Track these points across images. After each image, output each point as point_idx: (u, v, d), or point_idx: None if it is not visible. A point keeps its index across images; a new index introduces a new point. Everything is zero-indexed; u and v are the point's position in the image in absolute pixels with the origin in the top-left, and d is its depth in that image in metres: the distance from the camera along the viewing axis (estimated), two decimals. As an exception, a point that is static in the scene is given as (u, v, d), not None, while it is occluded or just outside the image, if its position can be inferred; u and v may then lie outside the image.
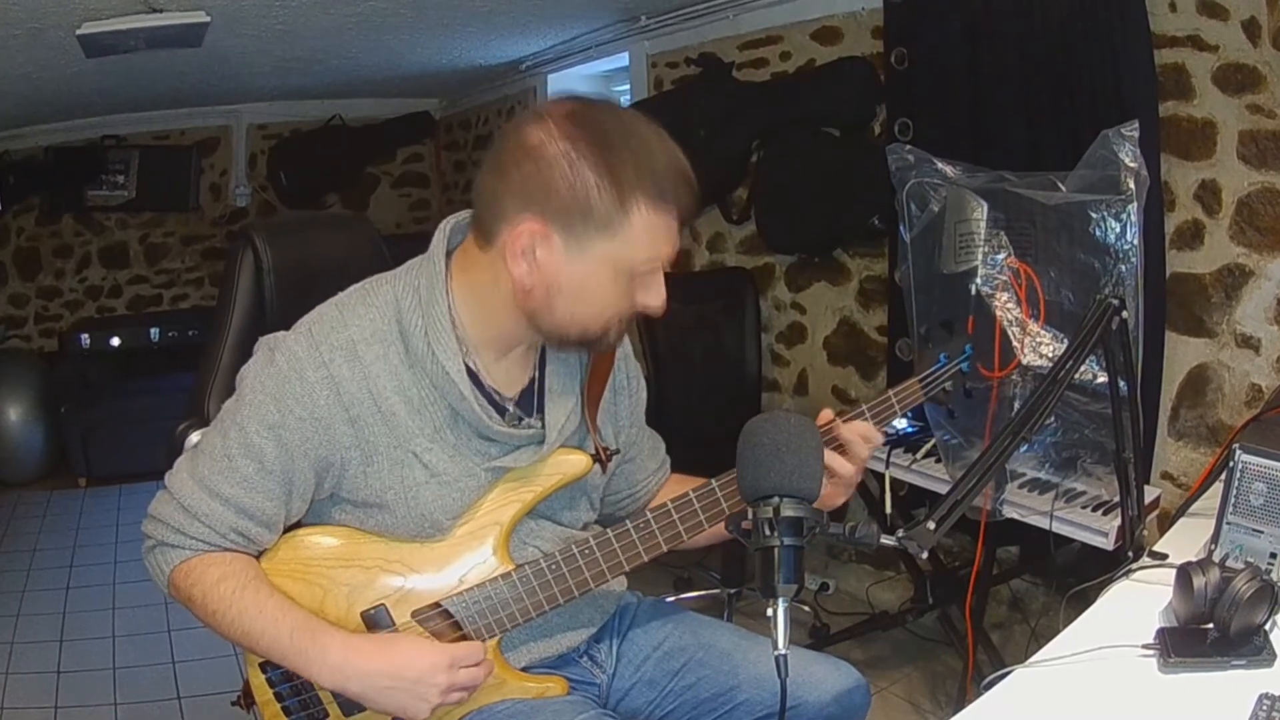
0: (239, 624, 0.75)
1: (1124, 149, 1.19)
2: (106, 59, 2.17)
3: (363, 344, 0.76)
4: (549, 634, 0.86)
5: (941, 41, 1.76)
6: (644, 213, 0.72)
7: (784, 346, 2.34)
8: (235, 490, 0.75)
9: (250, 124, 3.73)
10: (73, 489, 3.11)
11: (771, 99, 2.21)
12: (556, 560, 0.81)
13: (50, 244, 3.66)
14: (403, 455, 0.77)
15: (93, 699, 1.79)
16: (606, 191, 0.71)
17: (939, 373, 0.94)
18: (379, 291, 0.78)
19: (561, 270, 0.73)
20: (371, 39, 2.44)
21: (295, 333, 0.77)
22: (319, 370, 0.75)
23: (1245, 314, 1.46)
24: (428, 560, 0.80)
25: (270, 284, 0.97)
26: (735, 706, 0.88)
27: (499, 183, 0.74)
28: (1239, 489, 0.91)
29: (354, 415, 0.75)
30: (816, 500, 0.68)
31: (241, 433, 0.75)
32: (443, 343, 0.75)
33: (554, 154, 0.71)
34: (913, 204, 1.41)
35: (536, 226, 0.72)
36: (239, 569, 0.76)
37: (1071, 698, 0.74)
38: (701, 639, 0.92)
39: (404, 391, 0.76)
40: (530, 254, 0.73)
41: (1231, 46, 1.42)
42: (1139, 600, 0.88)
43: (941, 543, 1.32)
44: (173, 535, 0.77)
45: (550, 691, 0.84)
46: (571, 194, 0.71)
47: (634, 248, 0.73)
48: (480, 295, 0.78)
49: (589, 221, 0.71)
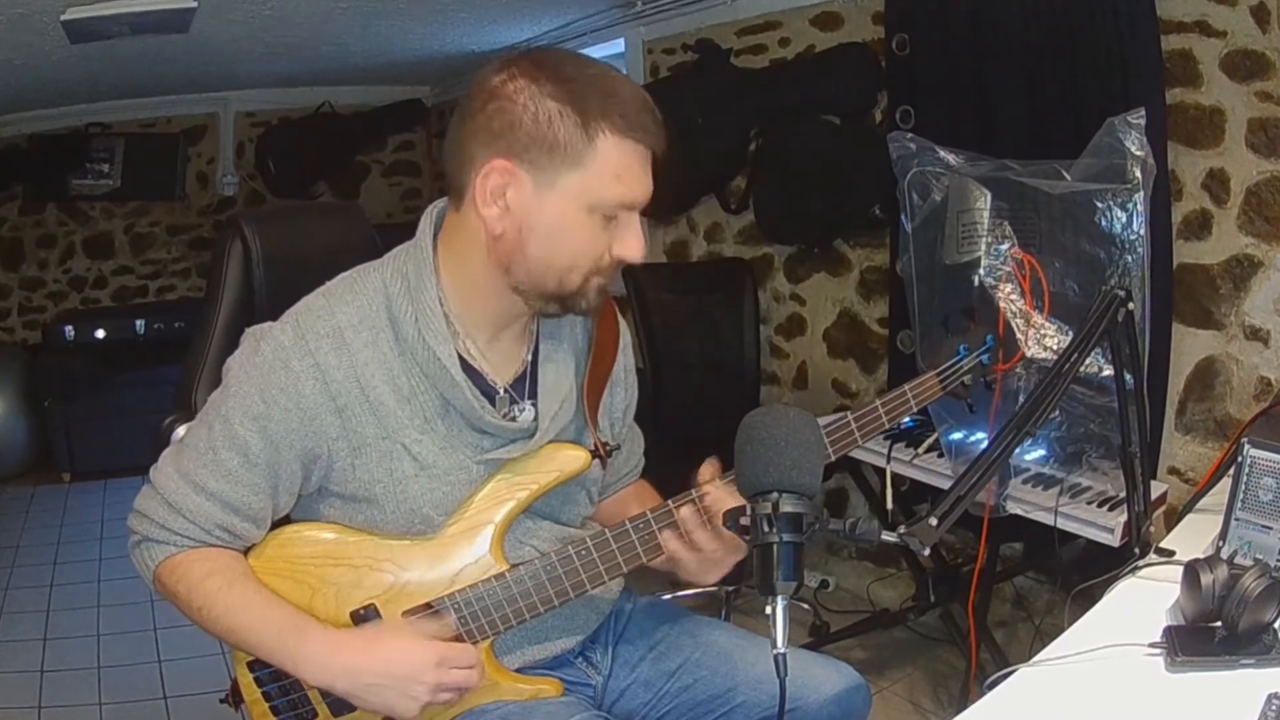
0: (224, 620, 0.74)
1: (1130, 137, 1.18)
2: (91, 45, 2.14)
3: (350, 331, 0.74)
4: (543, 637, 0.84)
5: (944, 27, 1.74)
6: (610, 140, 0.71)
7: (783, 339, 2.33)
8: (220, 484, 0.74)
9: (238, 111, 3.68)
10: (57, 484, 3.08)
11: (770, 86, 2.19)
12: (552, 561, 0.79)
13: (33, 234, 3.61)
14: (391, 447, 0.75)
15: (77, 698, 1.77)
16: (570, 119, 0.70)
17: (958, 365, 0.91)
18: (366, 279, 0.77)
19: (533, 209, 0.72)
20: (362, 24, 2.41)
21: (282, 323, 0.76)
22: (305, 359, 0.73)
23: (1254, 305, 1.45)
24: (419, 558, 0.79)
25: (259, 274, 0.96)
26: (733, 708, 0.87)
27: (464, 130, 0.73)
28: (1248, 484, 0.90)
29: (341, 405, 0.74)
30: (816, 496, 0.66)
31: (226, 425, 0.74)
32: (433, 328, 0.74)
33: (515, 90, 0.71)
34: (914, 193, 1.39)
35: (504, 164, 0.71)
36: (224, 565, 0.75)
37: (1076, 697, 0.73)
38: (699, 639, 0.91)
39: (393, 380, 0.75)
40: (500, 195, 0.72)
41: (1240, 32, 1.40)
42: (1145, 598, 0.87)
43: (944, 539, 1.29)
44: (157, 531, 0.76)
45: (544, 693, 0.83)
46: (536, 126, 0.70)
47: (603, 180, 0.72)
48: (462, 264, 0.77)
49: (555, 153, 0.71)
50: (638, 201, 0.74)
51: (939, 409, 1.39)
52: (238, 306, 0.95)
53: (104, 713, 1.73)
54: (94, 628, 2.06)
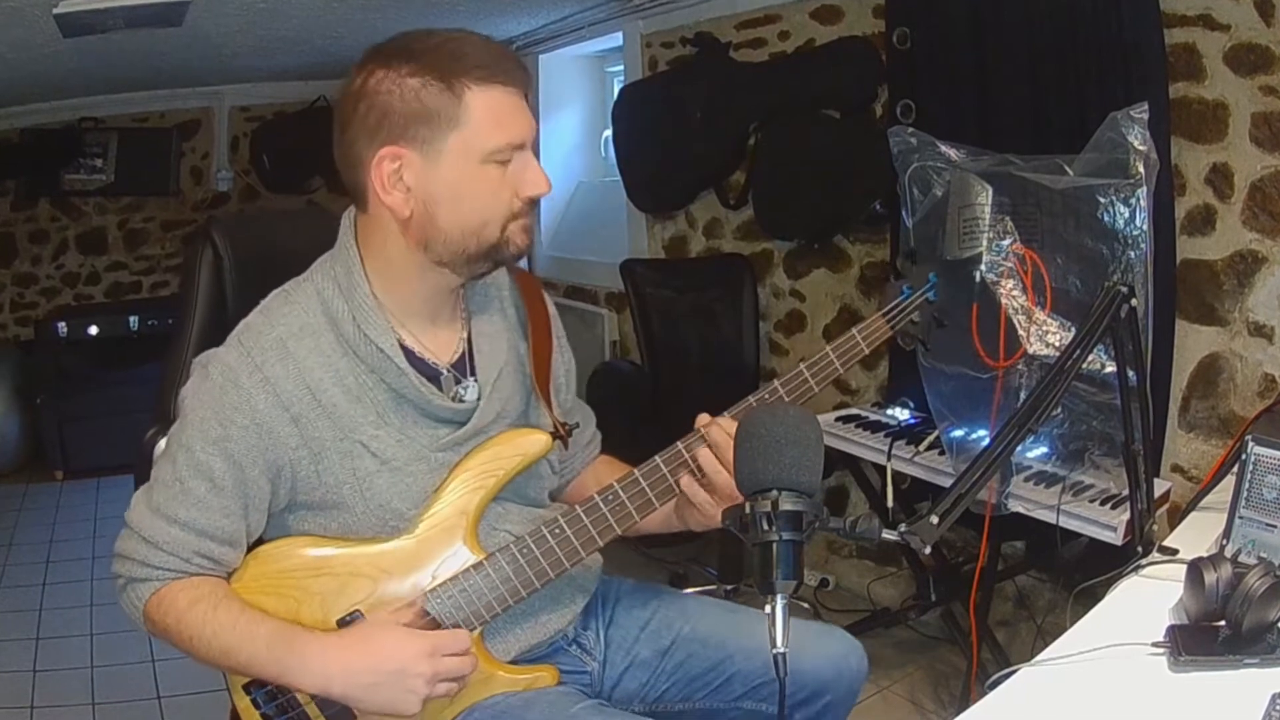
0: (214, 644, 0.74)
1: (1133, 131, 1.17)
2: (84, 39, 2.13)
3: (292, 340, 0.76)
4: (533, 618, 0.84)
5: (945, 21, 1.73)
6: (476, 91, 0.73)
7: (782, 335, 2.31)
8: (191, 513, 0.75)
9: (232, 106, 3.66)
10: (49, 482, 3.05)
11: (770, 80, 2.18)
12: (528, 543, 0.80)
13: (26, 229, 3.58)
14: (350, 446, 0.77)
15: (70, 698, 1.75)
16: (434, 86, 0.73)
17: (904, 304, 0.91)
18: (300, 289, 0.80)
19: (431, 182, 0.75)
20: (357, 18, 2.40)
21: (226, 345, 0.78)
22: (253, 375, 0.75)
23: (1258, 301, 1.44)
24: (398, 560, 0.79)
25: (231, 280, 0.96)
26: (729, 678, 0.88)
27: (346, 137, 0.76)
28: (1251, 482, 0.89)
29: (295, 414, 0.75)
30: (816, 493, 0.66)
31: (189, 454, 0.75)
32: (371, 321, 0.77)
33: (376, 82, 0.74)
34: (915, 188, 1.39)
35: (391, 150, 0.74)
36: (208, 591, 0.76)
37: (1078, 697, 0.72)
38: (688, 614, 0.92)
39: (341, 381, 0.77)
40: (397, 179, 0.75)
41: (1244, 26, 1.39)
42: (1148, 597, 0.86)
43: (945, 538, 1.29)
44: (139, 569, 0.76)
45: (541, 682, 0.83)
46: (405, 105, 0.73)
47: (484, 130, 0.74)
48: (382, 256, 0.79)
49: (430, 122, 0.73)
50: (524, 139, 0.77)
51: (940, 405, 1.38)
52: (212, 313, 0.95)
53: (97, 713, 1.71)
54: (87, 626, 2.04)
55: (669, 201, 2.52)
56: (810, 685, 0.87)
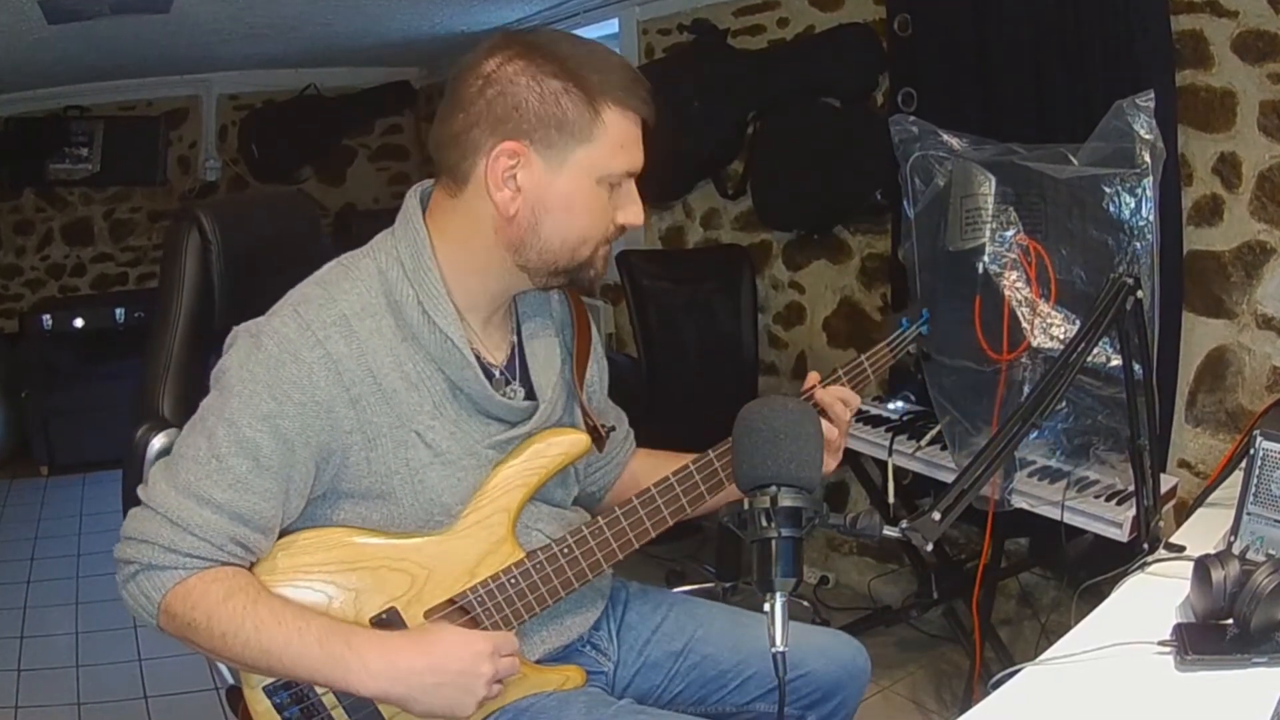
0: (256, 642, 0.68)
1: (1139, 120, 1.16)
2: (69, 25, 2.11)
3: (355, 319, 0.73)
4: (559, 620, 0.84)
5: (947, 7, 1.71)
6: (614, 113, 0.73)
7: (781, 328, 2.30)
8: (228, 494, 0.69)
9: (221, 94, 3.62)
10: (34, 477, 3.02)
11: (768, 68, 2.16)
12: (569, 543, 0.80)
13: (10, 220, 3.55)
14: (405, 435, 0.74)
15: (55, 698, 1.74)
16: (576, 95, 0.72)
17: (902, 336, 0.97)
18: (359, 265, 0.76)
19: (545, 188, 0.73)
20: (348, 4, 2.37)
21: (280, 315, 0.73)
22: (315, 350, 0.71)
23: (1266, 294, 1.43)
24: (436, 555, 0.77)
25: (219, 268, 0.92)
26: (746, 680, 0.89)
27: (463, 118, 0.73)
28: (1260, 478, 0.88)
29: (355, 396, 0.72)
30: (815, 489, 0.66)
31: (232, 429, 0.70)
32: (441, 309, 0.74)
33: (514, 72, 0.72)
34: (917, 178, 1.38)
35: (513, 146, 0.72)
36: (244, 583, 0.70)
37: (1083, 697, 0.72)
38: (698, 618, 0.93)
39: (400, 366, 0.74)
40: (511, 178, 0.73)
41: (1252, 13, 1.38)
42: (1154, 595, 0.86)
43: (947, 534, 1.29)
44: (161, 555, 0.69)
45: (571, 682, 0.83)
46: (542, 105, 0.72)
47: (610, 152, 0.74)
48: (463, 247, 0.76)
49: (564, 130, 0.72)
50: (638, 168, 0.77)
51: (942, 400, 1.37)
52: (199, 302, 0.92)
53: (82, 712, 1.69)
54: (72, 625, 2.02)
55: (666, 191, 2.50)
56: (824, 686, 0.88)
